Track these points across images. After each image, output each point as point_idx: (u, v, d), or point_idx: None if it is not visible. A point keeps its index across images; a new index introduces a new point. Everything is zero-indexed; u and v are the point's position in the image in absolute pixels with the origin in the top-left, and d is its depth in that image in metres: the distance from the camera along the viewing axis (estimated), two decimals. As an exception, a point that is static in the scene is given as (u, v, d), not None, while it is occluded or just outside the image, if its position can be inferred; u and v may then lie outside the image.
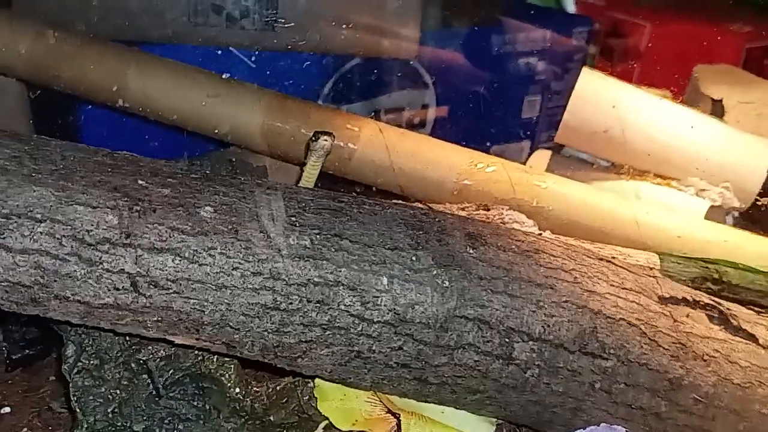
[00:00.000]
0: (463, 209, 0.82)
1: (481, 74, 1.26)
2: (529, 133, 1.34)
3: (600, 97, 1.03)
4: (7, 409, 0.69)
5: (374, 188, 0.95)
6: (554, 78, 1.34)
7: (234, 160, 0.92)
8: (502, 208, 0.83)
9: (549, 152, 1.12)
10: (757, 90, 1.17)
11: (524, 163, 1.10)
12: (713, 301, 0.69)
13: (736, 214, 1.04)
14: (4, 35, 0.91)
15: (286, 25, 1.05)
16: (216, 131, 0.92)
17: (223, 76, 0.96)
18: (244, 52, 1.05)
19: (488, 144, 1.26)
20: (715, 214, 1.00)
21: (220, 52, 1.04)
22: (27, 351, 0.75)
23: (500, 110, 1.30)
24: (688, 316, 0.66)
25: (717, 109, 1.12)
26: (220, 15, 1.02)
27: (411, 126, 1.19)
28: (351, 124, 0.94)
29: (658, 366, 0.62)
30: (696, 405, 0.64)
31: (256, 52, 1.06)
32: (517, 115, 1.33)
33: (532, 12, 1.39)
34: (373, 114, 1.16)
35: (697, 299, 0.69)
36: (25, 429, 0.67)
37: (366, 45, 1.12)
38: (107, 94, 0.90)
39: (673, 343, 0.64)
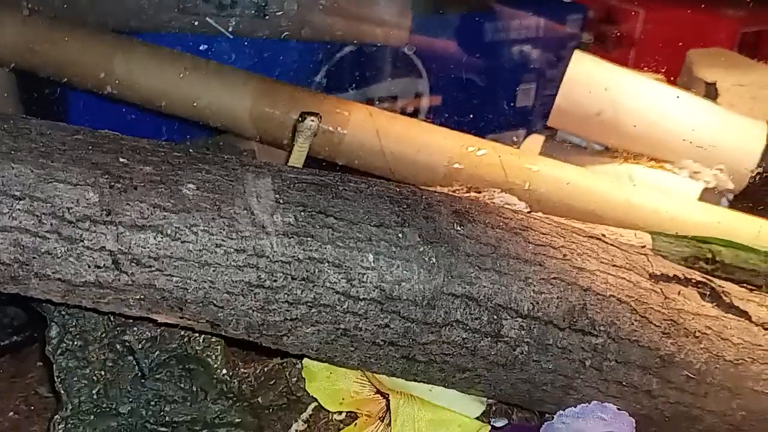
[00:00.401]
0: (453, 191, 0.81)
1: (474, 62, 1.26)
2: (523, 121, 1.33)
3: (592, 80, 1.02)
4: (-6, 395, 0.69)
5: (363, 171, 0.95)
6: (548, 65, 1.34)
7: (222, 144, 0.91)
8: (493, 191, 0.82)
9: (542, 137, 1.11)
10: (752, 73, 1.16)
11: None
12: (705, 278, 0.69)
13: (731, 196, 1.03)
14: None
15: (277, 13, 1.04)
16: (205, 115, 0.91)
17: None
18: (235, 39, 1.05)
19: (482, 132, 1.25)
20: (709, 196, 0.99)
21: (209, 39, 1.03)
22: (15, 337, 0.75)
23: (494, 98, 1.29)
24: (679, 293, 0.66)
25: (710, 92, 1.12)
26: (210, 2, 1.02)
27: (404, 115, 1.18)
28: (341, 109, 0.93)
29: (649, 343, 0.62)
30: (688, 382, 0.63)
31: (247, 40, 1.05)
32: (511, 103, 1.32)
33: (526, -1, 1.38)
34: (366, 102, 1.15)
35: (689, 277, 0.68)
36: (12, 413, 0.67)
37: (356, 32, 1.11)
38: (94, 80, 0.89)
39: (664, 320, 0.63)
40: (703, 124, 1.00)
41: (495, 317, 0.59)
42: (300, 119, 0.70)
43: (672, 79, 1.18)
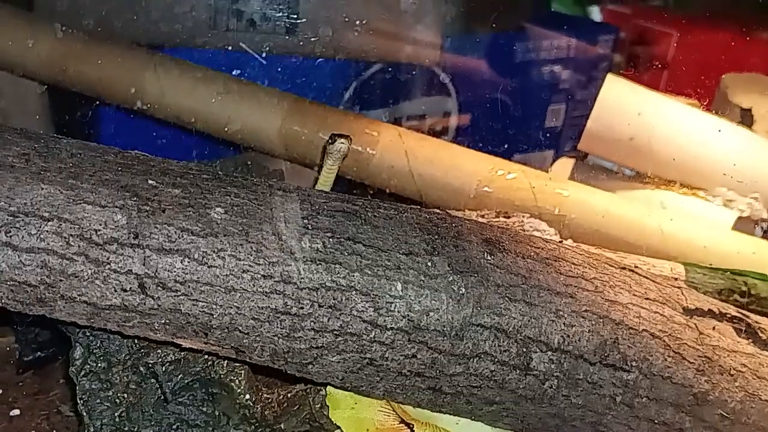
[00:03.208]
0: (482, 216, 0.80)
1: (504, 82, 1.25)
2: (552, 142, 1.32)
3: (625, 104, 1.01)
4: (17, 412, 0.69)
5: (388, 191, 0.94)
6: (579, 86, 1.32)
7: (250, 163, 0.91)
8: (523, 216, 0.81)
9: (572, 160, 1.10)
10: (789, 99, 1.14)
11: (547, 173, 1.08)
12: (740, 313, 0.67)
13: (765, 225, 1.01)
14: (26, 38, 0.91)
15: (307, 31, 1.04)
16: (234, 134, 0.91)
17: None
18: (265, 57, 1.05)
19: (511, 153, 1.24)
20: (744, 225, 0.97)
21: (240, 56, 1.03)
22: (39, 353, 0.75)
23: (523, 119, 1.28)
24: (714, 328, 0.64)
25: (746, 119, 1.10)
26: (241, 20, 1.02)
27: (433, 134, 1.18)
28: (370, 129, 0.92)
29: (682, 380, 0.60)
30: (722, 421, 0.61)
31: (277, 57, 1.05)
32: (540, 123, 1.31)
33: (557, 19, 1.37)
34: (394, 121, 1.15)
35: (724, 311, 0.66)
36: (33, 432, 0.66)
37: (387, 50, 1.11)
38: (125, 96, 0.90)
39: (699, 356, 0.61)
40: (743, 156, 0.98)
41: (524, 350, 0.57)
42: (330, 141, 0.69)
43: (705, 103, 1.17)
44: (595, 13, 1.48)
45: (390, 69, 1.14)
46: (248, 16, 1.02)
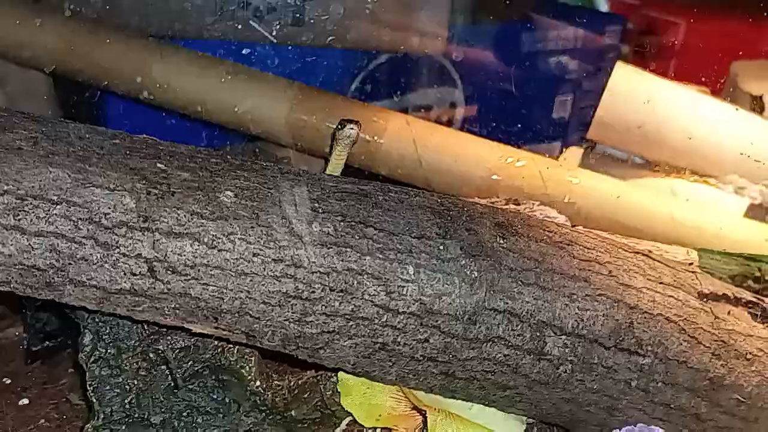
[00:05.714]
0: (492, 203, 0.79)
1: (510, 72, 1.24)
2: (560, 133, 1.31)
3: (634, 92, 1.00)
4: (26, 401, 0.68)
5: (397, 177, 0.93)
6: (586, 77, 1.31)
7: (257, 151, 0.90)
8: (533, 203, 0.80)
9: (581, 149, 1.09)
10: (799, 86, 1.13)
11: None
12: (756, 298, 0.66)
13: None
14: (33, 29, 0.91)
15: (313, 20, 1.04)
16: (241, 122, 0.90)
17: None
18: (272, 46, 1.04)
19: (518, 144, 1.23)
20: (755, 212, 0.96)
21: (247, 46, 1.03)
22: (47, 343, 0.74)
23: (531, 109, 1.27)
24: (729, 313, 0.63)
25: (756, 106, 1.08)
26: (248, 10, 1.01)
27: (439, 125, 1.17)
28: (378, 117, 0.92)
29: (698, 364, 0.59)
30: (738, 406, 0.61)
31: (284, 47, 1.04)
32: (548, 114, 1.30)
33: (564, 10, 1.36)
34: (400, 111, 1.14)
35: (739, 296, 0.65)
36: (42, 421, 0.66)
37: (392, 41, 1.10)
38: (132, 85, 0.89)
39: (714, 340, 0.61)
40: (758, 139, 0.97)
41: (538, 334, 0.57)
42: (339, 127, 0.68)
43: (714, 91, 1.15)
44: (602, 4, 1.47)
45: (396, 60, 1.13)
46: (255, 6, 1.01)
